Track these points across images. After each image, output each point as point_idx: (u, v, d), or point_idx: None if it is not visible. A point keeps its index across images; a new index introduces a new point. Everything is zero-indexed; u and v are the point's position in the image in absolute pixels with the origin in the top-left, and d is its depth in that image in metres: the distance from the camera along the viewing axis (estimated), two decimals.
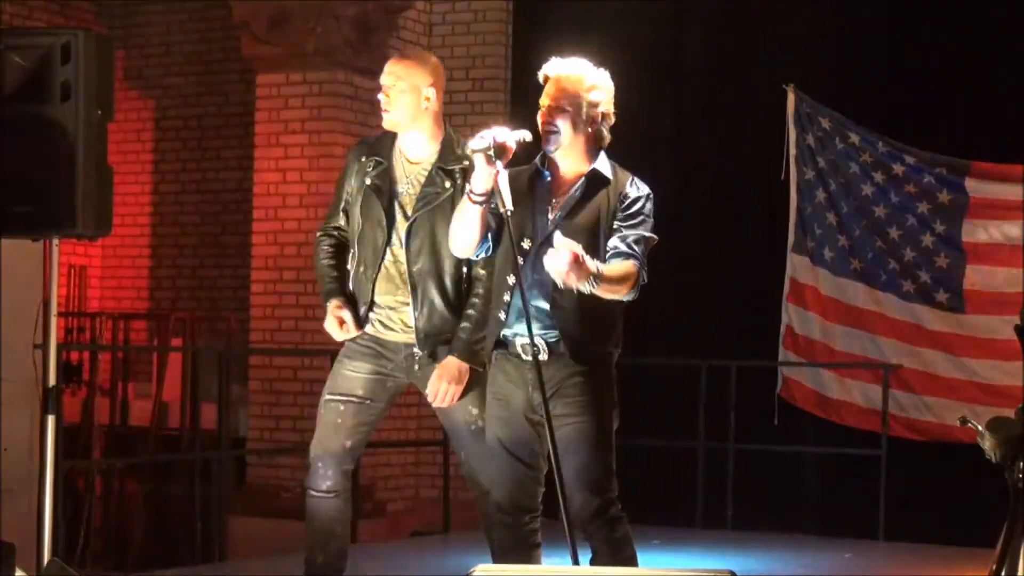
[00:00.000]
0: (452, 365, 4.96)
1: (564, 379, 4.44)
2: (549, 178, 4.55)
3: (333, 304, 5.05)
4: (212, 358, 8.77)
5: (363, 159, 5.09)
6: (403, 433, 9.65)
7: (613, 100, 4.57)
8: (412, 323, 5.00)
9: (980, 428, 4.41)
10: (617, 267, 4.40)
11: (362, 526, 8.49)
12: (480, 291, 4.95)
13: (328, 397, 5.07)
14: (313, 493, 5.07)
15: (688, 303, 9.41)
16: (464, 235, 4.48)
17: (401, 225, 5.00)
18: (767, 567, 7.53)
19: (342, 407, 5.05)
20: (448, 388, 4.95)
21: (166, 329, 10.45)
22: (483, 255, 4.57)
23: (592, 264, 4.27)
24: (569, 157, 4.53)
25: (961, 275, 8.68)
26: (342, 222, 5.15)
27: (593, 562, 4.46)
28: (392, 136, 5.11)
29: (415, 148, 5.06)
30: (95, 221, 4.93)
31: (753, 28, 9.38)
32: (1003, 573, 4.22)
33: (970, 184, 8.67)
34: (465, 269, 4.99)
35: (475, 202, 4.38)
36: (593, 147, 4.54)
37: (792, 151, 9.05)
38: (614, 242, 4.45)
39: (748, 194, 9.38)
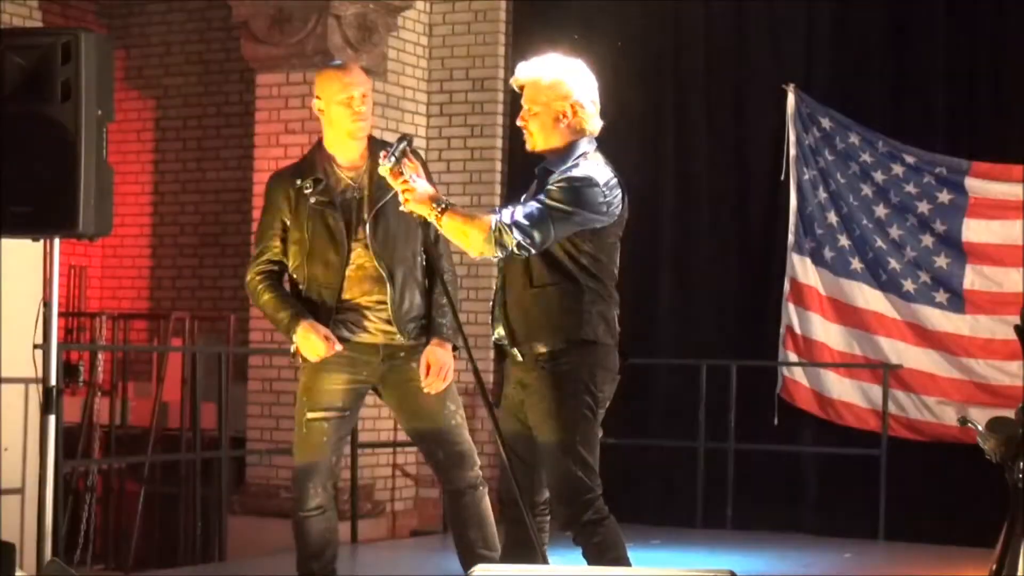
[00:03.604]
0: (439, 347, 5.03)
1: (529, 384, 4.45)
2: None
3: (304, 324, 4.95)
4: (212, 358, 8.76)
5: (297, 183, 5.05)
6: (403, 433, 9.61)
7: (585, 87, 4.54)
8: (389, 318, 5.01)
9: (980, 428, 4.41)
10: (473, 214, 4.39)
11: (362, 526, 8.48)
12: (442, 273, 4.96)
13: (311, 416, 5.04)
14: (303, 515, 5.08)
15: (688, 303, 9.41)
16: (459, 246, 4.49)
17: (363, 226, 5.01)
18: (767, 567, 7.53)
19: (326, 424, 5.04)
20: (444, 367, 5.00)
21: (166, 329, 10.44)
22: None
23: (431, 193, 4.34)
24: (550, 155, 4.55)
25: (961, 275, 8.67)
26: (276, 252, 5.08)
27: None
28: (315, 155, 5.11)
29: (354, 155, 5.08)
30: (95, 221, 4.93)
31: (753, 28, 9.38)
32: (1003, 573, 4.22)
33: (970, 184, 8.66)
34: (423, 254, 5.02)
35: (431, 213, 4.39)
36: (575, 140, 4.53)
37: (792, 151, 9.05)
38: None
39: (748, 194, 9.38)
